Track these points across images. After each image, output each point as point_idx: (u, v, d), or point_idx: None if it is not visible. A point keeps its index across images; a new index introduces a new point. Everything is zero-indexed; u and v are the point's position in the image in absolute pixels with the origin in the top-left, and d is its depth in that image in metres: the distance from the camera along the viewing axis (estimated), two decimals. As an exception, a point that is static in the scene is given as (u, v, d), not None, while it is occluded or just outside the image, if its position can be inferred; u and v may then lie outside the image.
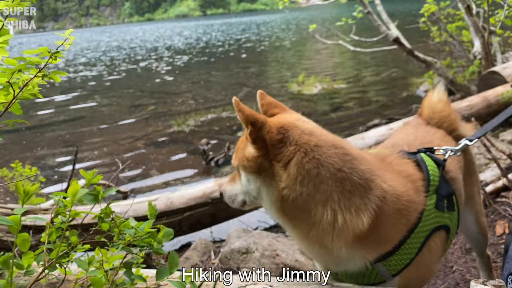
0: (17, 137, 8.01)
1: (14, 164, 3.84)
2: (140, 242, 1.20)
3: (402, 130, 1.80)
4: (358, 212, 1.19)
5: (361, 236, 1.21)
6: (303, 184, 1.19)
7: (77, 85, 14.28)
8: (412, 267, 1.30)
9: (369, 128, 6.22)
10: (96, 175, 1.31)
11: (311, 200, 1.19)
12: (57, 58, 1.12)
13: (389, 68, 11.73)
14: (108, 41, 41.78)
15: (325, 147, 1.23)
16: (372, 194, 1.22)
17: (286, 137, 1.24)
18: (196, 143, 6.54)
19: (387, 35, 6.40)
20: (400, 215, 1.26)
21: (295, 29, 31.93)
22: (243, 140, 1.36)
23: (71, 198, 1.18)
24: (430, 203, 1.34)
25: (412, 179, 1.34)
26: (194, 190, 3.63)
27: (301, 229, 1.25)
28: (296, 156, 1.20)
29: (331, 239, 1.21)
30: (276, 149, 1.23)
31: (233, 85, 11.46)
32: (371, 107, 8.05)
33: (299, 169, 1.19)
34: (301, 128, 1.26)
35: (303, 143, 1.22)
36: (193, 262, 2.84)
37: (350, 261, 1.28)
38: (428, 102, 1.85)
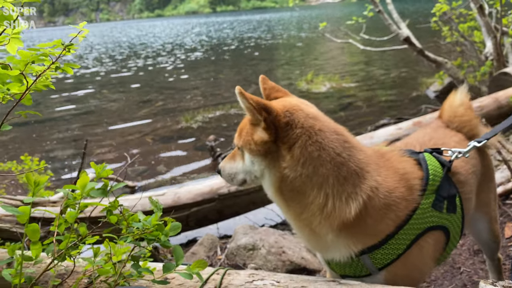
0: (26, 130, 8.09)
1: (23, 157, 3.87)
2: (148, 235, 1.21)
3: (420, 131, 1.79)
4: (348, 199, 1.23)
5: (347, 225, 1.24)
6: (304, 166, 1.24)
7: (87, 80, 14.36)
8: (399, 263, 1.30)
9: (378, 128, 6.19)
10: (105, 169, 1.31)
11: (309, 182, 1.24)
12: (71, 50, 1.12)
13: (399, 67, 11.66)
14: (118, 36, 41.97)
15: (328, 132, 1.28)
16: (365, 184, 1.25)
17: (291, 120, 1.28)
18: (204, 139, 6.55)
19: (398, 34, 6.35)
20: (389, 210, 1.27)
21: (304, 27, 31.83)
22: (246, 122, 1.39)
23: (80, 190, 1.19)
24: (426, 202, 1.33)
25: (408, 177, 1.34)
26: (201, 186, 3.64)
27: (295, 211, 1.30)
28: (301, 139, 1.25)
29: (318, 223, 1.25)
30: (283, 131, 1.27)
31: (242, 82, 11.46)
32: (380, 106, 8.00)
33: (303, 151, 1.24)
34: (305, 111, 1.31)
35: (308, 127, 1.27)
36: (199, 257, 2.85)
37: (336, 249, 1.31)
38: (449, 105, 1.81)
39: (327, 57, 15.49)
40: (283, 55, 17.42)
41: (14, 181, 3.98)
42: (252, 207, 3.80)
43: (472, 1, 5.60)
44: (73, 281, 1.70)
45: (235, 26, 44.11)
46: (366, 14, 6.93)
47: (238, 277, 1.33)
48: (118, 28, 65.78)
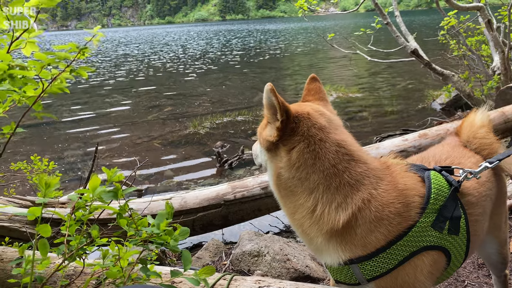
0: (37, 132, 8.18)
1: (33, 157, 3.92)
2: (157, 239, 1.24)
3: (438, 147, 1.77)
4: (337, 208, 1.27)
5: (337, 232, 1.27)
6: (298, 170, 1.31)
7: (97, 83, 14.50)
8: (390, 277, 1.30)
9: (383, 139, 6.21)
10: (117, 173, 1.35)
11: (300, 185, 1.31)
12: (85, 53, 1.16)
13: (405, 79, 11.68)
14: (129, 41, 42.33)
15: (329, 143, 1.32)
16: (357, 196, 1.27)
17: (297, 127, 1.34)
18: (211, 145, 6.60)
19: (405, 46, 6.38)
20: (380, 224, 1.27)
21: (312, 37, 31.96)
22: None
23: (91, 192, 1.22)
24: (425, 220, 1.32)
25: (407, 193, 1.33)
26: (208, 191, 3.67)
27: (289, 209, 1.37)
28: (299, 146, 1.31)
29: (308, 225, 1.31)
30: (287, 135, 1.34)
31: (249, 89, 11.52)
32: (386, 117, 8.02)
33: (299, 157, 1.31)
34: (313, 121, 1.35)
35: (309, 136, 1.32)
36: (204, 262, 2.87)
37: (327, 253, 1.34)
38: (469, 125, 1.77)
39: (334, 67, 15.53)
40: (291, 64, 17.48)
41: (24, 181, 4.02)
42: (258, 214, 3.82)
43: (481, 16, 5.62)
44: (81, 282, 1.74)
45: (243, 34, 44.36)
46: (375, 26, 6.98)
47: (245, 283, 1.35)
48: (129, 33, 66.37)
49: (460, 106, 7.58)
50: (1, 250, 2.22)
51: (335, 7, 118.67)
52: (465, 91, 6.40)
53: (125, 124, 8.56)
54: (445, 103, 8.02)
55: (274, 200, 1.48)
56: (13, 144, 7.28)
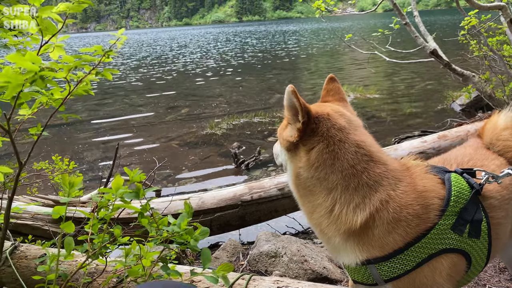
0: (58, 133, 8.34)
1: (54, 157, 4.01)
2: (177, 238, 1.26)
3: (460, 149, 1.75)
4: (355, 209, 1.28)
5: (354, 232, 1.29)
6: (317, 170, 1.32)
7: (115, 84, 14.70)
8: (407, 279, 1.30)
9: (402, 140, 6.14)
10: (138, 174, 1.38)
11: (319, 185, 1.33)
12: (109, 56, 1.19)
13: (424, 80, 11.53)
14: (147, 43, 42.79)
15: (348, 144, 1.33)
16: (375, 197, 1.28)
17: (316, 127, 1.35)
18: (228, 146, 6.63)
19: (424, 47, 6.30)
20: (398, 225, 1.27)
21: (329, 38, 31.79)
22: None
23: (114, 191, 1.25)
24: (445, 223, 1.31)
25: (427, 195, 1.32)
26: (225, 192, 3.70)
27: (308, 208, 1.39)
28: (319, 146, 1.33)
29: (326, 225, 1.33)
30: (307, 135, 1.36)
31: (266, 90, 11.53)
32: (404, 118, 7.93)
33: (318, 157, 1.32)
34: (333, 121, 1.37)
35: (329, 136, 1.34)
36: (222, 261, 2.89)
37: (344, 253, 1.36)
38: (492, 127, 1.74)
39: (352, 68, 15.43)
40: (308, 65, 17.43)
41: (46, 181, 4.11)
42: (274, 215, 3.84)
43: (503, 15, 5.52)
44: (102, 279, 1.77)
45: (260, 35, 44.41)
46: (393, 26, 6.91)
47: (263, 283, 1.36)
48: (147, 35, 67.08)
49: (480, 107, 7.45)
50: (25, 247, 2.28)
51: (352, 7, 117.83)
52: (486, 92, 6.29)
53: (143, 125, 8.67)
54: (465, 104, 7.89)
55: (291, 201, 1.50)
56: (37, 146, 7.43)
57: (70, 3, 1.14)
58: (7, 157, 6.24)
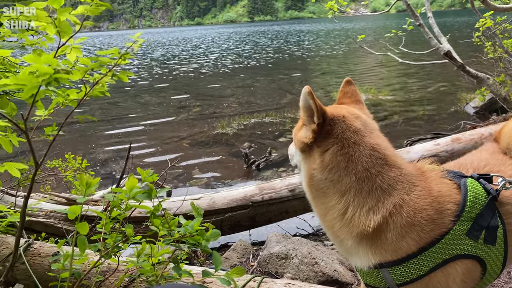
0: (71, 131, 8.43)
1: (67, 155, 4.05)
2: (189, 239, 1.26)
3: (476, 153, 1.73)
4: (368, 212, 1.28)
5: (367, 235, 1.29)
6: (331, 172, 1.32)
7: (128, 84, 14.80)
8: (420, 284, 1.29)
9: (414, 142, 6.09)
10: (151, 174, 1.38)
11: (332, 187, 1.33)
12: (126, 59, 1.20)
13: (437, 81, 11.42)
14: (159, 42, 43.06)
15: (363, 146, 1.33)
16: (388, 201, 1.27)
17: (331, 129, 1.36)
18: (238, 146, 6.64)
19: (438, 48, 6.24)
20: (412, 229, 1.26)
21: (342, 39, 31.66)
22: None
23: (128, 191, 1.26)
24: (460, 228, 1.29)
25: (442, 200, 1.31)
26: (236, 192, 3.71)
27: (320, 210, 1.39)
28: (333, 148, 1.33)
29: (339, 227, 1.33)
30: (321, 137, 1.36)
31: (277, 91, 11.52)
32: (417, 120, 7.86)
33: (332, 159, 1.32)
34: (348, 124, 1.37)
35: (344, 138, 1.34)
36: (232, 262, 2.90)
37: (356, 256, 1.36)
38: (509, 131, 1.71)
39: (364, 69, 15.35)
40: (320, 66, 17.38)
41: (59, 179, 4.16)
42: (285, 216, 3.83)
43: (519, 17, 5.44)
44: (114, 278, 1.79)
45: (272, 35, 44.39)
46: (406, 27, 6.85)
47: (275, 286, 1.36)
48: (159, 35, 67.49)
49: (495, 110, 7.35)
50: (39, 245, 2.31)
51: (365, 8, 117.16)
52: (500, 95, 6.20)
53: (155, 124, 8.72)
54: (479, 106, 7.79)
55: (302, 203, 1.51)
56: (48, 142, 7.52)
57: (88, 6, 1.15)
58: (22, 155, 6.33)
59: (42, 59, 0.92)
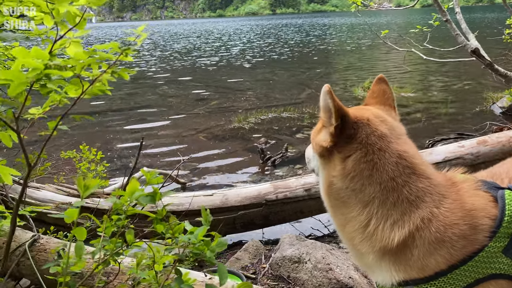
0: (88, 121, 8.46)
1: (82, 146, 4.03)
2: (193, 248, 1.18)
3: (510, 162, 1.59)
4: (393, 226, 1.17)
5: (390, 250, 1.18)
6: (353, 181, 1.22)
7: (147, 74, 14.85)
8: None
9: (436, 142, 5.90)
10: (156, 176, 1.30)
11: (354, 197, 1.22)
12: (128, 55, 1.11)
13: (462, 80, 11.09)
14: (181, 34, 43.18)
15: (389, 153, 1.22)
16: (416, 214, 1.16)
17: (354, 133, 1.25)
18: (255, 141, 6.55)
19: (465, 45, 6.00)
20: (442, 246, 1.14)
21: (364, 33, 31.15)
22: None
23: (129, 196, 1.18)
24: (496, 245, 1.16)
25: (475, 214, 1.18)
26: (249, 190, 3.62)
27: (339, 220, 1.29)
28: (356, 154, 1.23)
29: (360, 240, 1.23)
30: (343, 141, 1.25)
31: (296, 85, 11.36)
32: (439, 119, 7.64)
33: (354, 166, 1.22)
34: (374, 127, 1.26)
35: (368, 144, 1.23)
36: (243, 263, 2.82)
37: (378, 272, 1.25)
38: None
39: (387, 65, 15.04)
40: (341, 60, 17.11)
41: (74, 170, 4.14)
42: (300, 216, 3.73)
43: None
44: (118, 281, 1.72)
45: (294, 28, 44.02)
46: (432, 23, 6.62)
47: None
48: (181, 26, 67.73)
49: (524, 111, 7.08)
50: (45, 240, 2.27)
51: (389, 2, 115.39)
52: (530, 95, 5.95)
53: (172, 116, 8.70)
54: (506, 106, 7.50)
55: (318, 203, 1.42)
56: (66, 133, 7.59)
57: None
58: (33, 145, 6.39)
59: (31, 53, 0.85)
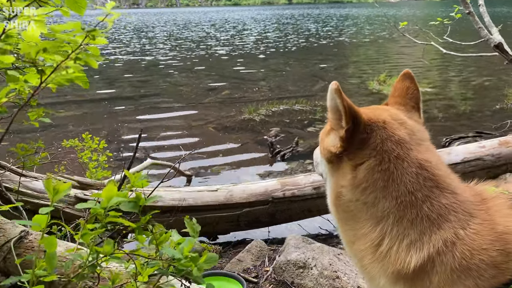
0: (97, 108, 8.38)
1: (84, 135, 3.90)
2: (178, 265, 1.02)
3: None
4: (409, 247, 0.99)
5: (405, 276, 0.99)
6: (364, 192, 1.05)
7: (160, 63, 14.72)
8: None
9: (454, 140, 5.67)
10: (142, 178, 1.14)
11: (365, 211, 1.05)
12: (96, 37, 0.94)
13: (482, 75, 10.73)
14: (196, 22, 42.97)
15: (408, 162, 1.03)
16: (437, 235, 0.97)
17: (368, 138, 1.07)
18: (265, 134, 6.38)
19: (488, 40, 5.72)
20: (467, 275, 0.95)
21: (382, 25, 30.55)
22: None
23: (105, 203, 1.02)
24: None
25: (509, 238, 0.98)
26: (256, 186, 3.46)
27: (348, 236, 1.12)
28: (369, 162, 1.05)
29: (370, 261, 1.05)
30: (354, 147, 1.08)
31: (309, 77, 11.12)
32: (458, 116, 7.37)
33: (367, 176, 1.05)
34: (391, 131, 1.08)
35: (384, 150, 1.05)
36: (245, 265, 2.66)
37: None
38: None
39: (404, 59, 14.68)
40: (356, 53, 16.77)
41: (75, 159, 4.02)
42: (307, 215, 3.56)
43: None
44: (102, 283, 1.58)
45: (309, 18, 43.46)
46: (454, 15, 6.33)
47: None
48: (197, 15, 67.49)
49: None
50: (34, 237, 2.13)
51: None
52: (555, 94, 5.66)
53: (183, 105, 8.57)
54: None
55: (327, 202, 1.25)
56: (75, 119, 7.51)
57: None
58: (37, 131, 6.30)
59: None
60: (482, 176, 3.73)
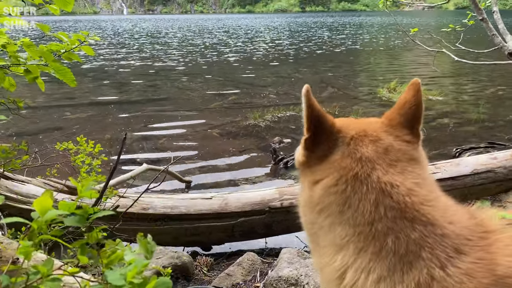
0: (102, 111, 8.31)
1: (79, 138, 3.78)
2: (122, 290, 0.87)
3: None
4: (378, 283, 0.79)
5: None
6: (320, 215, 0.90)
7: (168, 67, 14.69)
8: None
9: (465, 151, 5.44)
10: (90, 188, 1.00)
11: (323, 236, 0.89)
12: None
13: (495, 84, 10.46)
14: (209, 28, 43.16)
15: (367, 186, 0.85)
16: (409, 275, 0.77)
17: (329, 153, 0.93)
18: (269, 140, 6.23)
19: (502, 47, 5.51)
20: None
21: (394, 33, 30.30)
22: None
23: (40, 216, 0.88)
24: None
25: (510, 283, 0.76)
26: (252, 195, 3.30)
27: (316, 260, 0.96)
28: (326, 180, 0.90)
29: None
30: (313, 161, 0.95)
31: (318, 83, 10.95)
32: (469, 126, 7.12)
33: (322, 196, 0.90)
34: (352, 148, 0.91)
35: (341, 168, 0.89)
36: (235, 280, 2.50)
37: None
38: None
39: (415, 66, 14.44)
40: (367, 60, 16.55)
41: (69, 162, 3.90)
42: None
43: None
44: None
45: (322, 26, 43.35)
46: (467, 22, 6.14)
47: None
48: (211, 22, 67.89)
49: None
50: (5, 244, 2.00)
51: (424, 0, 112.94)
52: None
53: (188, 109, 8.46)
54: None
55: None
56: (78, 122, 7.45)
57: None
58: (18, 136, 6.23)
59: None
60: (493, 189, 3.53)
